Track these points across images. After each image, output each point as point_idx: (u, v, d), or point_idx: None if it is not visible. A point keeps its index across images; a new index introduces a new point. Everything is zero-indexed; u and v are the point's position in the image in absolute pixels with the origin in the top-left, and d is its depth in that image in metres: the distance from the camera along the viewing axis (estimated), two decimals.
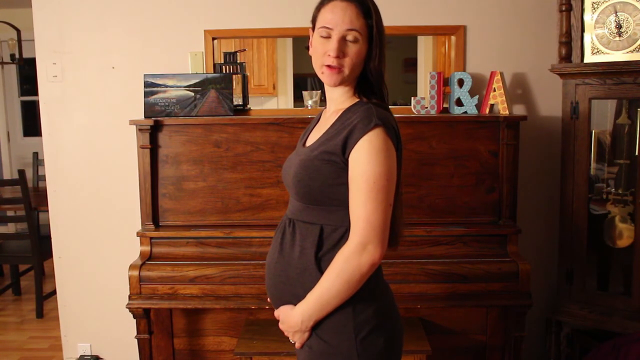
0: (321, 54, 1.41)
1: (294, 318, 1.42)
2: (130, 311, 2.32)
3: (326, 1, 1.43)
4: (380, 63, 1.43)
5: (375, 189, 1.33)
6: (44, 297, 4.01)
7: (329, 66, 1.40)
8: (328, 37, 1.40)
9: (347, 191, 1.37)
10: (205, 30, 2.69)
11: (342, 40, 1.39)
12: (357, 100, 1.45)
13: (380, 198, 1.33)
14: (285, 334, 1.49)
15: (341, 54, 1.38)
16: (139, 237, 2.40)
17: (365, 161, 1.34)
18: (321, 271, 1.39)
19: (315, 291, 1.38)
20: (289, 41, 3.97)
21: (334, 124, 1.43)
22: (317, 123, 1.57)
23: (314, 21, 1.46)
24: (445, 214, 2.44)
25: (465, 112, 2.59)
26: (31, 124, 6.20)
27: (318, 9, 1.44)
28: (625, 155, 2.53)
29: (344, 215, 1.39)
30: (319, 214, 1.42)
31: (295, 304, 1.44)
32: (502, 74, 2.56)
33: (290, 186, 1.48)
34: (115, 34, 2.73)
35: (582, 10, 2.44)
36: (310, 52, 1.47)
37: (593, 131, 2.47)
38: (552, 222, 2.71)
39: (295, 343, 1.48)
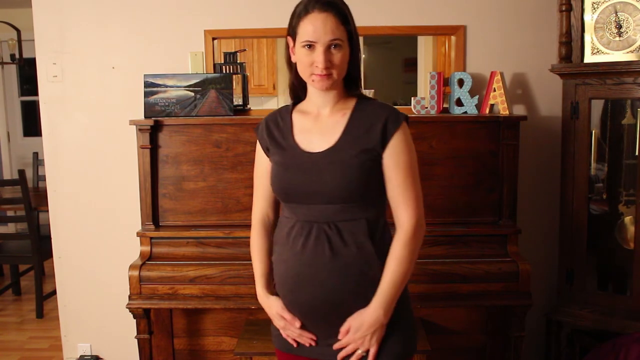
0: (308, 65, 1.45)
1: (373, 315, 1.45)
2: (130, 311, 2.32)
3: (303, 13, 1.45)
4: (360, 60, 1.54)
5: (414, 173, 1.50)
6: (44, 297, 4.01)
7: (318, 75, 1.45)
8: (312, 48, 1.43)
9: (380, 182, 1.49)
10: (205, 30, 2.69)
11: (327, 51, 1.43)
12: (354, 96, 1.54)
13: (418, 180, 1.52)
14: (354, 345, 1.47)
15: (328, 63, 1.43)
16: (139, 237, 2.40)
17: (405, 150, 1.49)
18: (381, 259, 1.47)
19: (389, 280, 1.46)
20: None
21: (353, 122, 1.49)
22: (301, 126, 1.55)
23: (293, 31, 1.48)
24: (445, 214, 2.44)
25: (465, 112, 2.58)
26: (31, 124, 6.20)
27: (297, 21, 1.46)
28: (625, 155, 2.53)
29: (378, 204, 1.51)
30: (360, 209, 1.48)
31: (358, 304, 1.46)
32: (502, 74, 2.56)
33: (325, 192, 1.46)
34: (115, 34, 2.73)
35: (582, 10, 2.44)
36: (294, 59, 1.51)
37: (593, 131, 2.47)
38: (552, 222, 2.71)
39: (365, 351, 1.47)
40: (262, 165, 1.61)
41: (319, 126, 1.53)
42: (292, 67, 1.54)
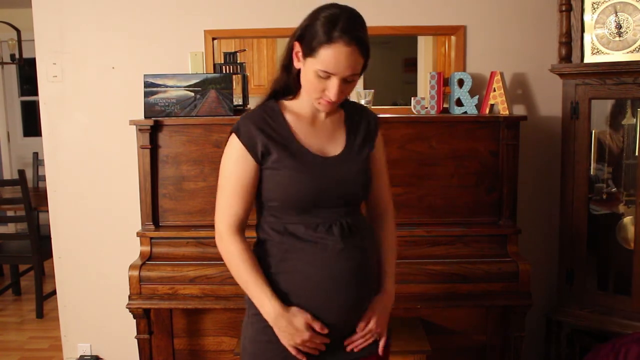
0: (318, 90, 1.39)
1: (391, 298, 1.57)
2: (130, 311, 2.32)
3: (329, 40, 1.33)
4: None
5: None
6: (44, 297, 4.01)
7: (326, 100, 1.41)
8: (327, 76, 1.37)
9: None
10: (205, 30, 2.69)
11: (342, 83, 1.38)
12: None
13: None
14: (372, 334, 1.49)
15: (341, 94, 1.40)
16: (139, 237, 2.40)
17: (384, 148, 1.61)
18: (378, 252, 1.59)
19: (392, 264, 1.59)
20: None
21: (352, 124, 1.53)
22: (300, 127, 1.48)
23: (309, 49, 1.36)
24: (445, 214, 2.44)
25: (465, 112, 2.58)
26: (31, 124, 6.20)
27: (318, 44, 1.34)
28: (625, 155, 2.53)
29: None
30: (359, 206, 1.56)
31: (370, 298, 1.51)
32: (502, 74, 2.56)
33: (348, 194, 1.46)
34: (115, 34, 2.73)
35: (582, 10, 2.44)
36: (297, 66, 1.41)
37: (593, 131, 2.47)
38: (552, 222, 2.71)
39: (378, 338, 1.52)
40: (247, 170, 1.44)
41: (322, 130, 1.49)
42: (289, 70, 1.45)
